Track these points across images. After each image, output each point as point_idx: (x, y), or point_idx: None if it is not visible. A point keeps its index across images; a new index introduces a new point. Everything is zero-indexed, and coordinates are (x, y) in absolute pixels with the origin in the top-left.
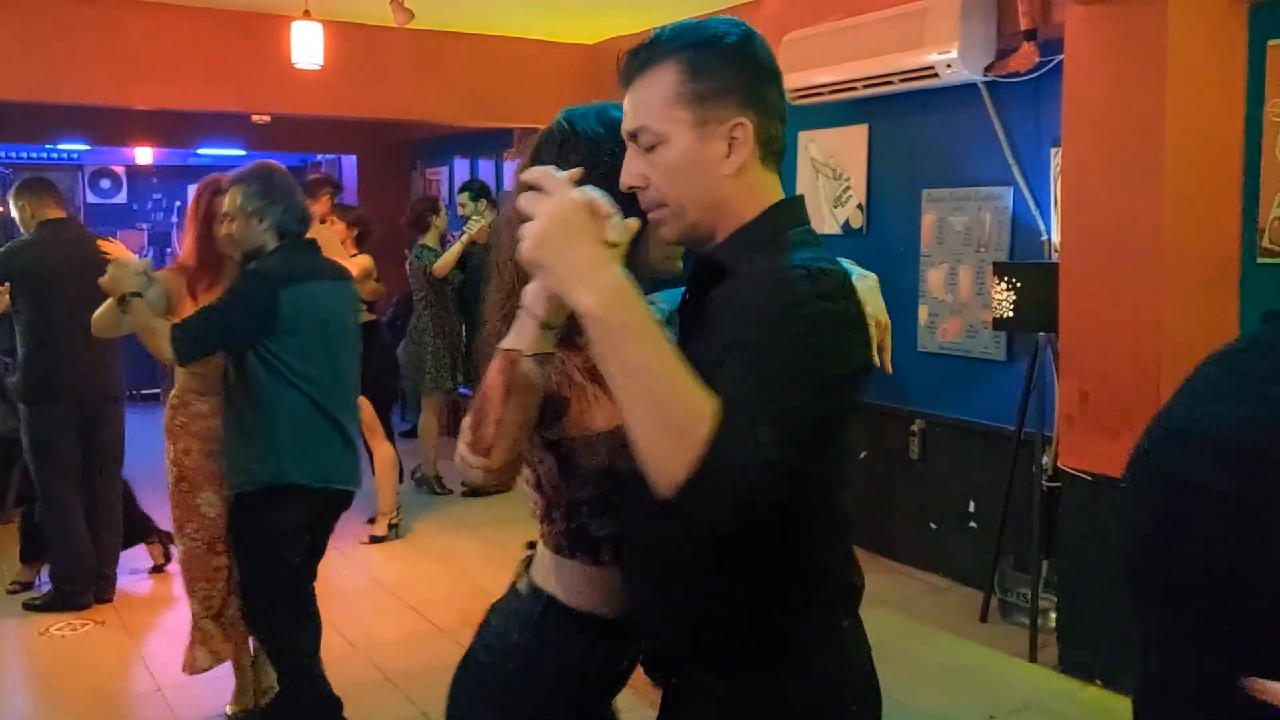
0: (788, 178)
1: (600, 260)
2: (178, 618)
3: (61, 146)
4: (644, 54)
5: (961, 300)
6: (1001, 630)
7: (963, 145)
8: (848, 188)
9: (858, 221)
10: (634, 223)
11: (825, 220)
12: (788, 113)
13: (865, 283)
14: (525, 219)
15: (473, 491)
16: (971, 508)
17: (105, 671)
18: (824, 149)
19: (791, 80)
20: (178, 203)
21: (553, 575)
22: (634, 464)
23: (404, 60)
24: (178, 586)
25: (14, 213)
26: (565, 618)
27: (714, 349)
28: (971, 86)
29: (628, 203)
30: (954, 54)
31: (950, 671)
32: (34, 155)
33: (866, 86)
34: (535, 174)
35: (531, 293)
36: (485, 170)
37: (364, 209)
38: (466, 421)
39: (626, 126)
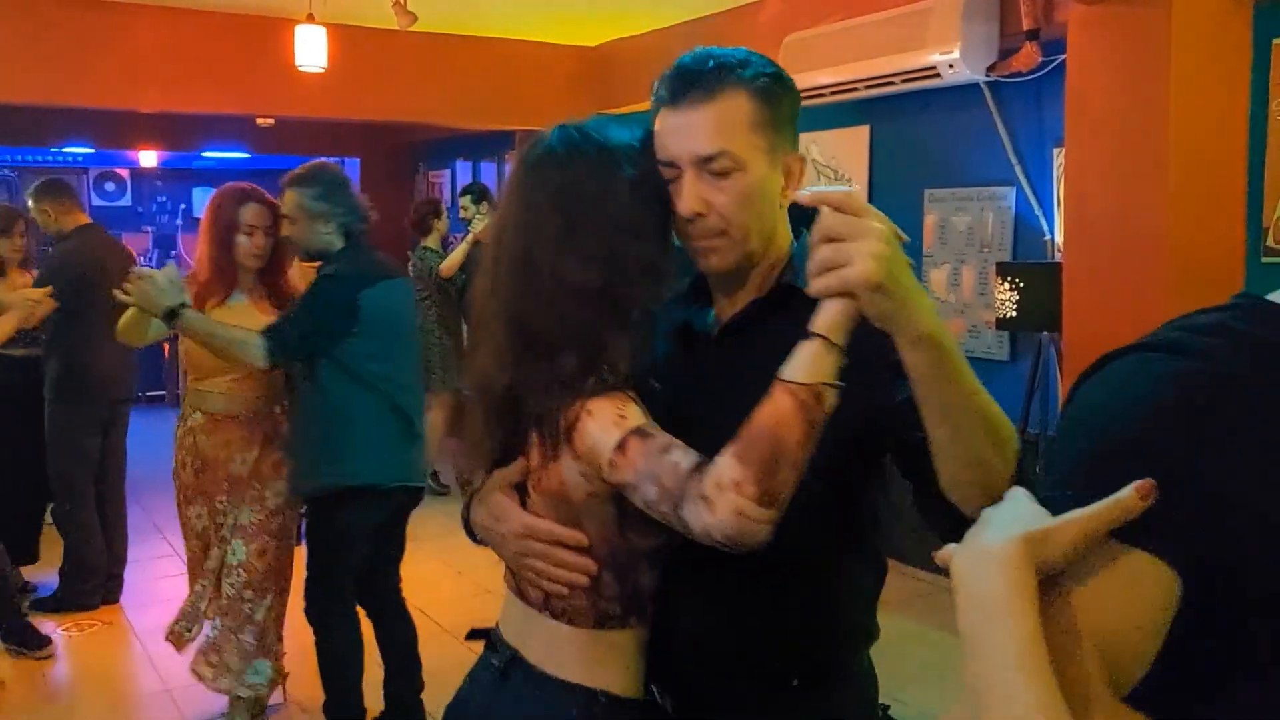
0: None
1: (918, 284)
2: None
3: (66, 149)
4: (713, 76)
5: (964, 300)
6: None
7: (965, 145)
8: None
9: None
10: None
11: None
12: None
13: None
14: (831, 238)
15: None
16: None
17: (113, 672)
18: (825, 150)
19: None
20: (182, 205)
21: (597, 661)
22: None
23: (407, 63)
24: (185, 586)
25: (34, 216)
26: (619, 710)
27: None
28: (974, 86)
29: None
30: (956, 54)
31: (953, 672)
32: (39, 158)
33: (868, 87)
34: (833, 195)
35: (832, 319)
36: (487, 172)
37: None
38: (736, 474)
39: (694, 148)
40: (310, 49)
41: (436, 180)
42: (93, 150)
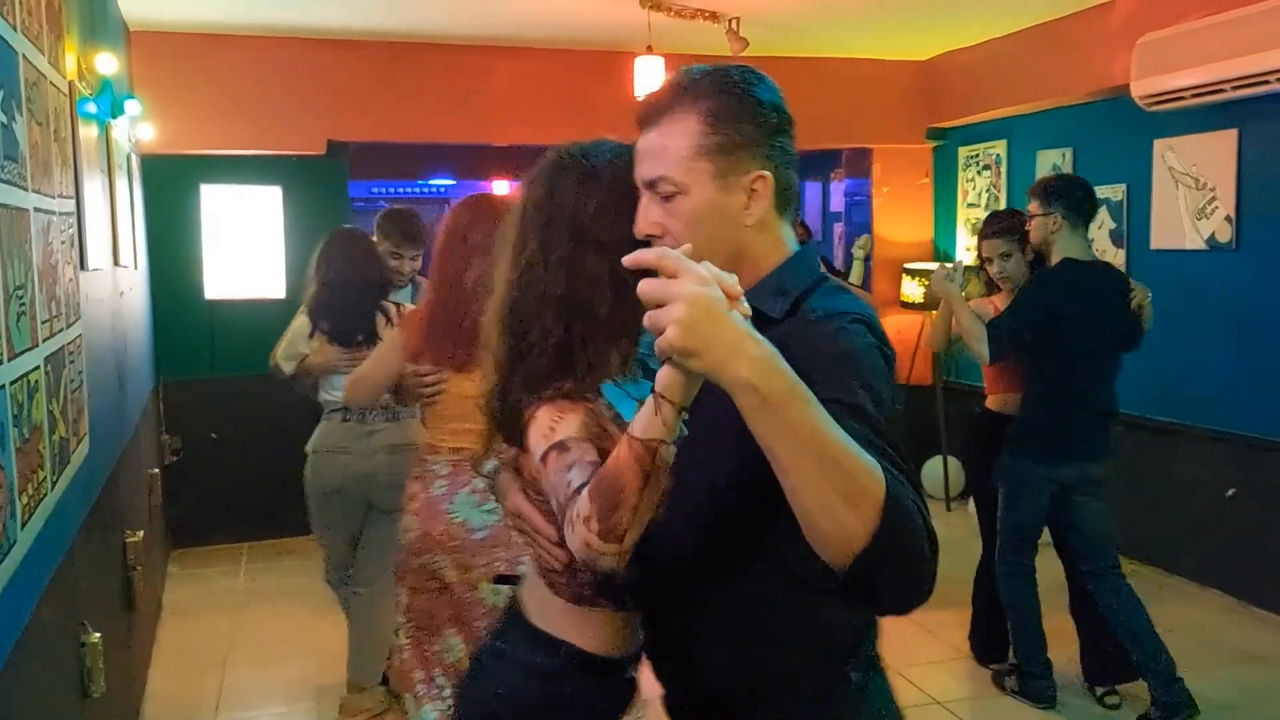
0: (1142, 187)
1: (746, 333)
2: None
3: (432, 182)
4: (664, 101)
5: None
6: None
7: None
8: (1214, 198)
9: (1226, 235)
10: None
11: (1186, 234)
12: (797, 159)
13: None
14: (650, 305)
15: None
16: None
17: None
18: (1184, 157)
19: (1145, 86)
20: None
21: (571, 624)
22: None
23: None
24: None
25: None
26: (589, 666)
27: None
28: None
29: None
30: None
31: None
32: (408, 190)
33: (1236, 88)
34: (649, 256)
35: (666, 379)
36: (812, 191)
37: None
38: (586, 509)
39: (643, 174)
40: (649, 79)
41: None
42: (454, 182)
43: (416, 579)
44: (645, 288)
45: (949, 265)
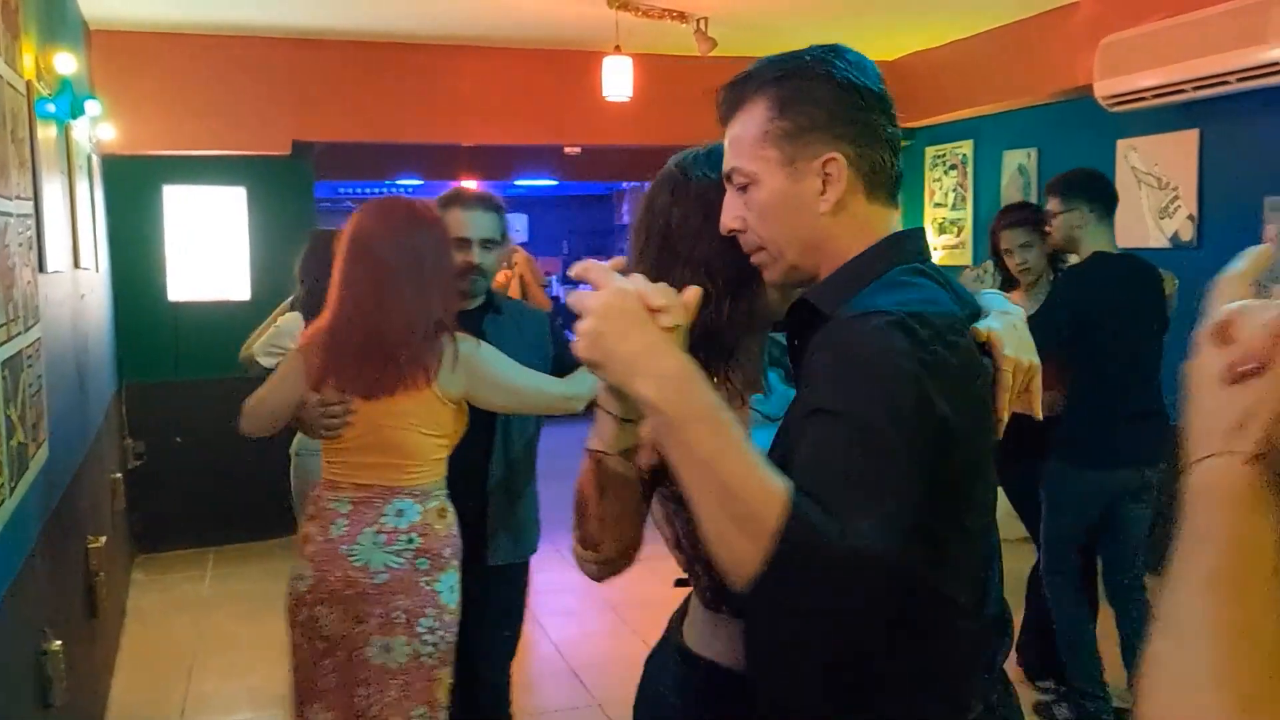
0: None
1: (656, 348)
2: None
3: (400, 181)
4: (735, 91)
5: None
6: None
7: None
8: (1175, 197)
9: (1188, 234)
10: (692, 297)
11: (1150, 233)
12: (898, 137)
13: (1005, 320)
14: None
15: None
16: None
17: None
18: (1147, 157)
19: (1109, 86)
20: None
21: (707, 633)
22: None
23: (708, 87)
24: None
25: None
26: (722, 681)
27: (802, 410)
28: None
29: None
30: None
31: None
32: (375, 190)
33: (1197, 88)
34: (579, 268)
35: (600, 390)
36: None
37: None
38: (572, 519)
39: (724, 168)
40: (617, 79)
41: None
42: (422, 182)
43: (302, 635)
44: (569, 299)
45: (978, 267)
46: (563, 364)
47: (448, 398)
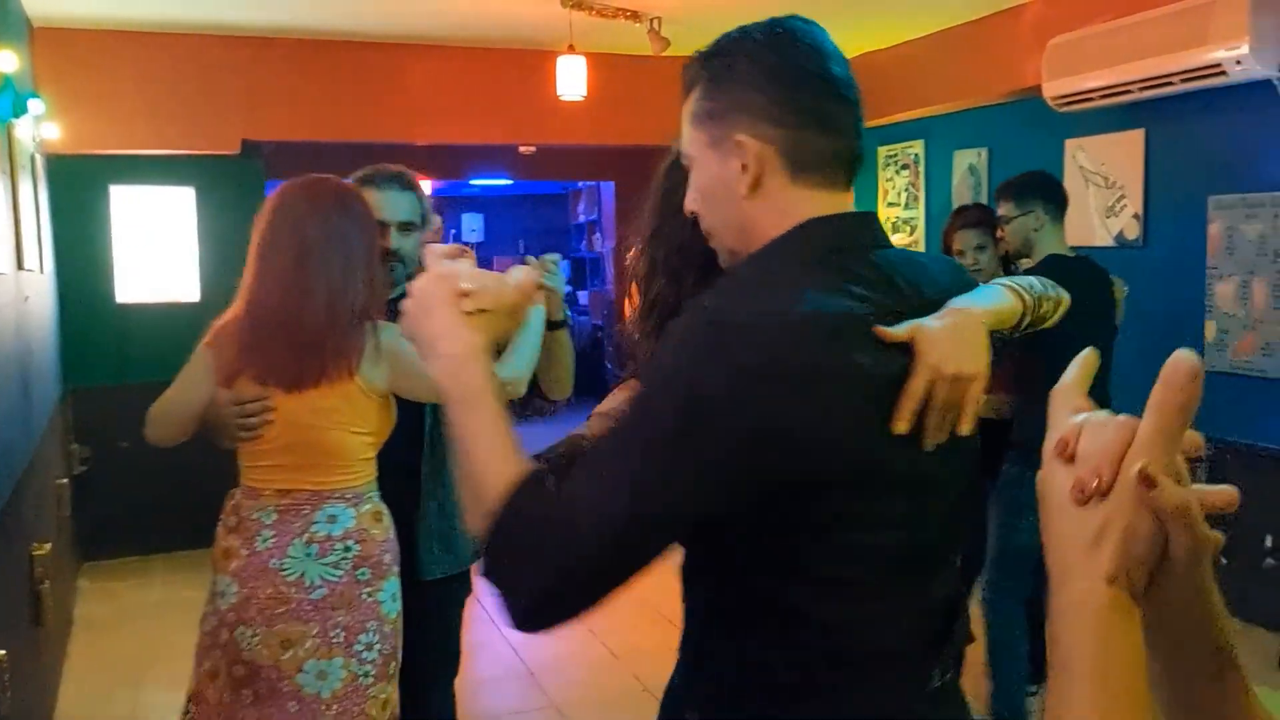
0: None
1: (450, 330)
2: None
3: None
4: (685, 72)
5: (1256, 316)
6: None
7: (1256, 147)
8: (1122, 196)
9: (1134, 233)
10: (527, 280)
11: (1096, 231)
12: (839, 116)
13: (949, 320)
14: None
15: None
16: (1269, 543)
17: None
18: (1094, 157)
19: (1057, 87)
20: (453, 231)
21: None
22: None
23: (661, 87)
24: None
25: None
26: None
27: None
28: (1264, 84)
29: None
30: (1244, 49)
31: None
32: None
33: (1142, 89)
34: (423, 251)
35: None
36: None
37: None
38: None
39: None
40: (571, 79)
41: None
42: None
43: (220, 660)
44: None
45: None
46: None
47: (373, 391)
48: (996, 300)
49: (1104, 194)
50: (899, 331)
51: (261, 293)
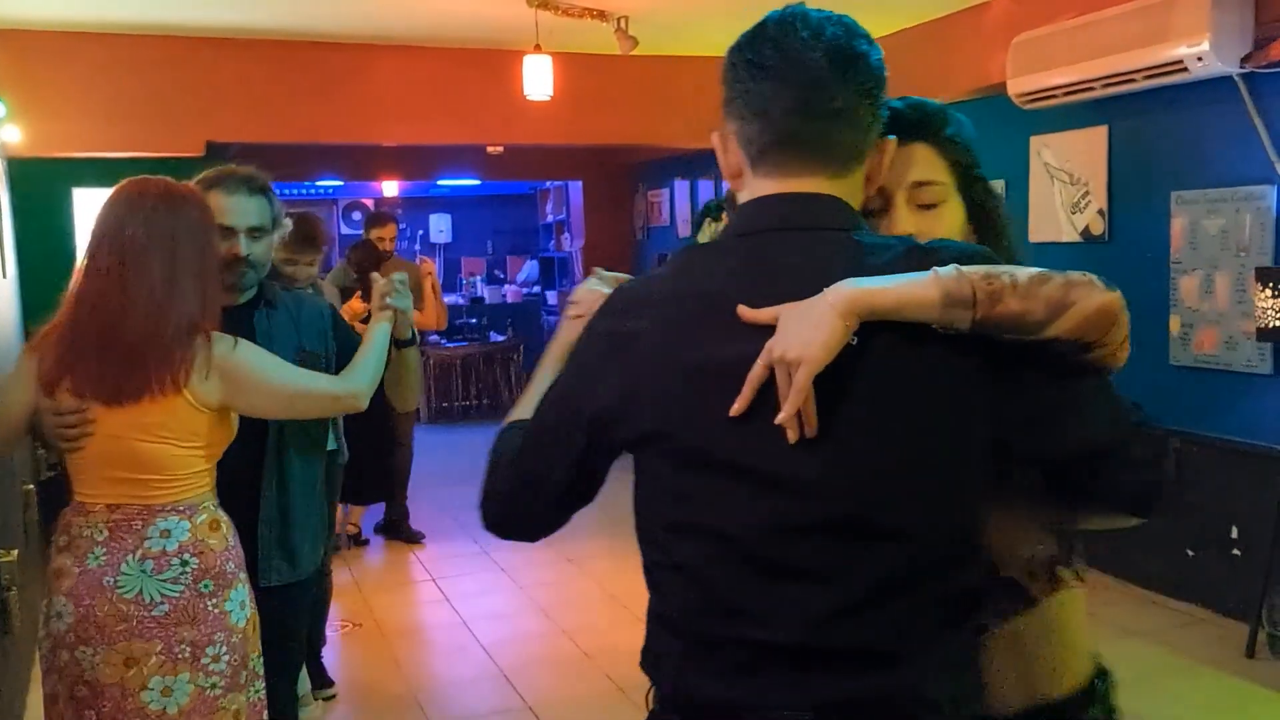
0: (1019, 183)
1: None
2: None
3: (320, 183)
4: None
5: (1219, 309)
6: (1271, 667)
7: (1217, 143)
8: (1087, 193)
9: (1099, 228)
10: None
11: (1062, 227)
12: (771, 106)
13: (798, 306)
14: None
15: None
16: (1234, 534)
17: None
18: (1059, 153)
19: (1021, 84)
20: (420, 231)
21: None
22: None
23: (629, 86)
24: None
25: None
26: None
27: None
28: (1225, 80)
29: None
30: (1205, 46)
31: (1215, 711)
32: (296, 191)
33: (1105, 86)
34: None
35: None
36: (705, 190)
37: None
38: None
39: None
40: (538, 79)
41: (655, 200)
42: (341, 183)
43: (58, 683)
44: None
45: None
46: (347, 355)
47: (204, 405)
48: (891, 284)
49: (1069, 190)
50: (758, 313)
51: (83, 300)
